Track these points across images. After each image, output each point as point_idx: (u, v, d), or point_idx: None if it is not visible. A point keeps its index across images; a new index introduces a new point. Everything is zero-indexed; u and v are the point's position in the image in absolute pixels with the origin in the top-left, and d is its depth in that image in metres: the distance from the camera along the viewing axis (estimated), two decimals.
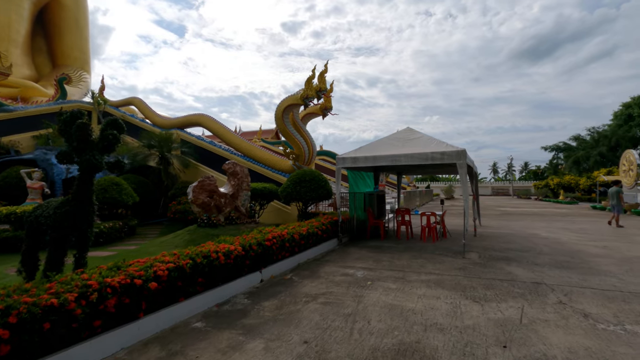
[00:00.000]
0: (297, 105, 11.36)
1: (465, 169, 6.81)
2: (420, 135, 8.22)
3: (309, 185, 9.18)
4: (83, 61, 29.26)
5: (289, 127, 11.61)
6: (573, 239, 9.05)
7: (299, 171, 9.64)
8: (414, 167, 10.35)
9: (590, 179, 30.07)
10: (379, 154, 7.79)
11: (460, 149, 6.91)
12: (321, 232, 7.24)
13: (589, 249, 7.56)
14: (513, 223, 12.94)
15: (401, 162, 7.47)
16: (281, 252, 5.71)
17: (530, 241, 8.56)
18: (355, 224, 9.15)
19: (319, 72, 11.58)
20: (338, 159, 8.26)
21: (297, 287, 4.84)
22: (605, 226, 11.79)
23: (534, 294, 4.43)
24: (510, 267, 5.88)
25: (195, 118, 14.70)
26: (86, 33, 30.52)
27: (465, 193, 6.81)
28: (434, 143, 7.58)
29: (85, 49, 30.01)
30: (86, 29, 30.72)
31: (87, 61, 30.06)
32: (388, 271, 5.64)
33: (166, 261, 3.62)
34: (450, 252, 7.20)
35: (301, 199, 9.17)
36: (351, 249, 7.68)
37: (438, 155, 7.05)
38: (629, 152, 18.97)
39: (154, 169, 12.42)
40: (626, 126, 39.95)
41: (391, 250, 7.38)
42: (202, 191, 8.40)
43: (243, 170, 9.31)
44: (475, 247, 7.70)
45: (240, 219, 9.05)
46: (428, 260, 6.45)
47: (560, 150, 45.20)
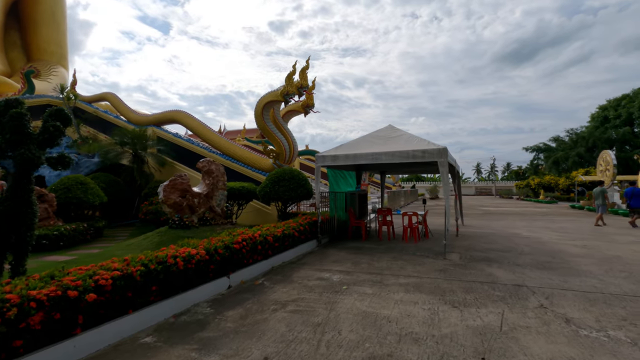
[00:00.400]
0: (277, 102, 11.00)
1: (447, 168, 6.61)
2: (401, 133, 8.01)
3: (288, 185, 8.84)
4: (60, 56, 27.91)
5: (269, 125, 11.23)
6: (554, 238, 9.04)
7: (278, 170, 9.28)
8: (397, 165, 10.16)
9: (569, 179, 30.84)
10: (359, 152, 7.52)
11: (441, 147, 6.71)
12: (298, 233, 6.91)
13: (569, 248, 7.50)
14: (495, 222, 12.95)
15: (382, 160, 7.22)
16: (253, 256, 5.35)
17: (512, 241, 8.47)
18: (336, 225, 8.86)
19: (300, 69, 11.26)
20: (317, 157, 7.95)
21: (267, 293, 4.49)
22: (585, 225, 11.92)
23: (515, 297, 4.23)
24: (491, 268, 5.71)
25: (171, 115, 14.10)
26: (63, 27, 29.14)
27: (446, 192, 6.62)
28: (415, 141, 7.37)
29: (63, 43, 28.66)
30: (63, 23, 29.33)
31: (65, 56, 28.69)
32: (366, 274, 5.37)
33: (113, 268, 3.22)
34: (431, 253, 7.00)
35: (279, 198, 8.82)
36: (330, 250, 7.38)
37: (419, 154, 6.84)
38: (605, 152, 19.43)
39: (127, 168, 11.80)
40: (602, 128, 41.31)
41: (371, 252, 7.13)
42: (173, 190, 7.94)
43: (219, 168, 8.88)
44: (457, 248, 7.53)
45: (215, 220, 8.62)
46: (408, 262, 6.21)
47: (541, 151, 46.35)
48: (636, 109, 37.45)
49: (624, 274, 5.35)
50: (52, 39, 27.23)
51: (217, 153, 12.73)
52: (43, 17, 26.75)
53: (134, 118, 14.83)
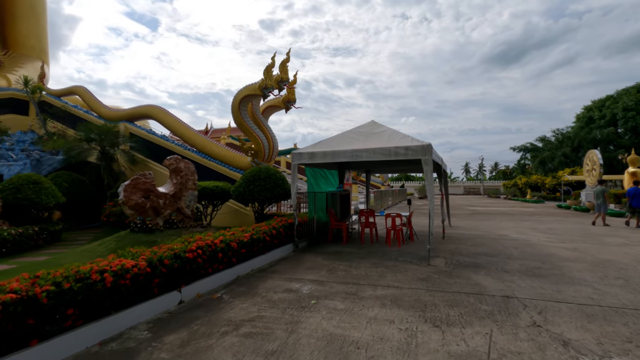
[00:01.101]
0: (255, 97, 10.35)
1: (431, 166, 6.11)
2: (384, 129, 7.48)
3: (264, 184, 8.23)
4: (40, 50, 26.51)
5: (246, 120, 10.57)
6: (542, 240, 8.66)
7: (254, 168, 8.66)
8: (380, 164, 9.65)
9: (555, 178, 31.02)
10: (338, 149, 6.96)
11: (425, 143, 6.20)
12: (270, 237, 6.30)
13: (559, 251, 7.10)
14: (482, 223, 12.59)
15: (362, 158, 6.67)
16: (213, 265, 4.72)
17: (500, 243, 8.05)
18: (315, 227, 8.28)
19: (281, 61, 10.65)
20: (294, 154, 7.36)
21: (222, 310, 3.88)
22: (573, 226, 11.65)
23: (505, 312, 3.73)
24: (479, 275, 5.22)
25: (145, 110, 13.27)
26: (43, 20, 27.71)
27: (430, 192, 6.11)
28: (398, 137, 6.84)
29: (43, 37, 27.26)
30: (43, 16, 27.89)
31: (45, 50, 27.27)
32: (340, 284, 4.80)
33: (9, 290, 2.56)
34: (415, 258, 6.49)
35: (254, 199, 8.20)
36: (307, 255, 6.80)
37: (402, 151, 6.32)
38: (592, 152, 19.37)
39: (93, 166, 10.97)
40: (587, 128, 41.86)
41: (350, 257, 6.57)
42: (135, 190, 7.23)
43: (188, 166, 8.19)
44: (442, 252, 7.05)
45: (184, 223, 7.94)
46: (389, 268, 5.68)
47: (528, 150, 46.76)
48: (620, 110, 38.02)
49: (620, 281, 4.92)
50: (32, 33, 25.90)
51: (193, 151, 12.00)
52: (22, 10, 25.42)
53: (105, 113, 13.93)
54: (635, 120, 36.48)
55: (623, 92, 39.54)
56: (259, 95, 10.12)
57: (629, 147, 36.17)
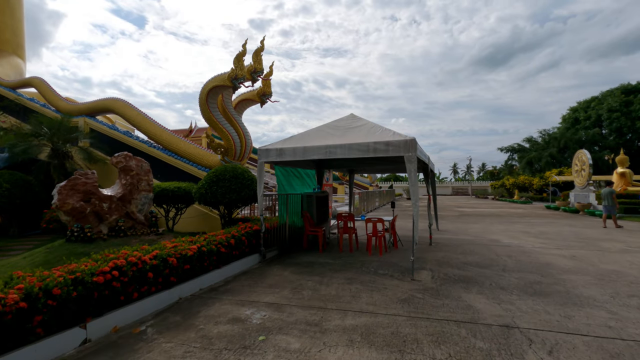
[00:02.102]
0: (225, 88, 9.35)
1: (415, 164, 5.25)
2: (364, 122, 6.60)
3: (229, 185, 7.25)
4: (16, 45, 24.65)
5: (215, 115, 9.56)
6: (537, 246, 7.94)
7: (219, 167, 7.67)
8: (362, 162, 8.78)
9: (543, 179, 30.86)
10: (310, 145, 6.04)
11: (408, 138, 5.34)
12: (228, 247, 5.34)
13: (557, 260, 6.36)
14: (472, 226, 11.88)
15: (337, 154, 5.78)
16: (140, 287, 3.74)
17: (492, 251, 7.27)
18: (287, 234, 7.35)
19: (254, 50, 9.68)
20: (260, 150, 6.41)
21: (135, 353, 2.91)
22: (565, 229, 11.04)
23: (506, 351, 2.87)
24: (470, 294, 4.38)
25: (106, 103, 12.09)
26: (19, 13, 25.83)
27: (415, 194, 5.25)
28: (378, 132, 5.97)
29: (19, 31, 25.38)
30: (19, 9, 26.01)
31: (21, 45, 25.38)
32: (303, 309, 3.88)
33: None
34: (397, 270, 5.62)
35: (218, 202, 7.21)
36: (273, 268, 5.86)
37: (381, 146, 5.44)
38: (581, 152, 19.02)
39: (42, 164, 9.77)
40: (573, 129, 42.16)
41: (323, 270, 5.66)
42: (73, 193, 6.15)
43: (141, 165, 7.15)
44: (429, 262, 6.21)
45: (134, 230, 6.89)
46: (365, 285, 4.79)
47: (515, 151, 46.89)
48: (605, 111, 38.33)
49: (636, 300, 4.16)
50: (7, 26, 24.10)
51: (159, 148, 10.91)
52: None
53: (63, 106, 12.68)
54: (619, 121, 36.80)
55: (608, 94, 39.93)
56: (229, 86, 9.13)
57: (614, 147, 36.47)
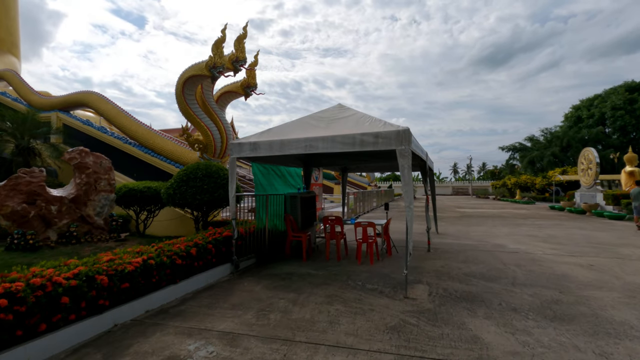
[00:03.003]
0: (203, 78, 8.51)
1: (409, 160, 4.42)
2: (352, 112, 5.77)
3: (201, 185, 6.42)
4: (10, 44, 23.70)
5: (193, 108, 8.72)
6: (547, 252, 7.11)
7: (191, 165, 6.84)
8: (351, 158, 7.96)
9: (546, 178, 30.02)
10: (287, 138, 5.21)
11: (401, 128, 4.51)
12: (187, 259, 4.50)
13: (574, 270, 5.52)
14: (474, 229, 11.04)
15: (318, 148, 4.94)
16: (50, 317, 2.90)
17: (498, 259, 6.44)
18: (267, 239, 6.51)
19: (236, 37, 8.85)
20: (232, 145, 5.58)
21: None
22: (575, 232, 10.20)
23: None
24: (476, 319, 3.54)
25: (80, 97, 11.26)
26: (14, 12, 24.90)
27: (409, 195, 4.42)
28: (367, 122, 5.14)
29: (13, 30, 24.43)
30: (14, 7, 25.09)
31: (16, 44, 24.41)
32: (264, 342, 3.05)
33: None
34: (388, 284, 4.78)
35: (187, 203, 6.38)
36: (244, 281, 5.02)
37: (369, 138, 4.61)
38: (587, 150, 18.17)
39: (4, 162, 8.94)
40: (576, 127, 41.32)
41: (302, 284, 4.83)
42: (14, 194, 5.32)
43: (100, 162, 6.31)
44: (426, 273, 5.37)
45: (91, 235, 6.05)
46: (349, 305, 3.96)
47: (517, 150, 46.04)
48: (608, 109, 37.48)
49: None
50: (1, 25, 23.22)
51: (135, 145, 10.08)
52: None
53: (35, 100, 11.86)
54: (623, 119, 35.95)
55: (611, 92, 39.08)
56: (207, 76, 8.29)
57: (618, 146, 35.63)
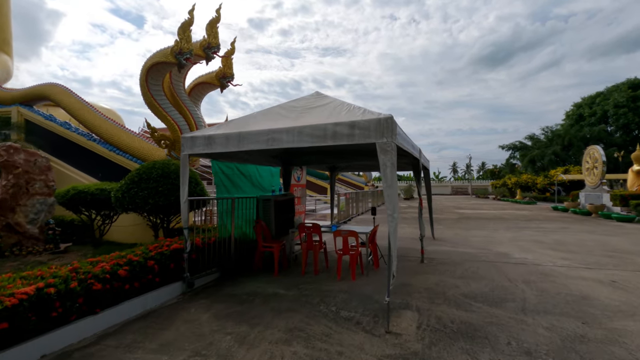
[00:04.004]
0: (169, 65, 7.55)
1: (393, 156, 3.48)
2: (329, 101, 4.84)
3: (155, 186, 5.49)
4: (2, 40, 22.58)
5: (158, 99, 7.77)
6: (559, 263, 6.20)
7: (146, 164, 5.92)
8: (335, 155, 7.04)
9: (547, 177, 29.11)
10: (247, 130, 4.28)
11: (383, 116, 3.58)
12: (109, 282, 3.56)
13: (594, 289, 4.61)
14: (474, 233, 10.13)
15: (282, 142, 4.01)
16: None
17: (502, 273, 5.52)
18: (233, 250, 5.58)
19: (209, 21, 7.91)
20: (184, 140, 4.65)
21: None
22: (586, 236, 9.28)
23: None
24: None
25: (43, 89, 10.31)
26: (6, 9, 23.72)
27: (392, 201, 3.48)
28: (344, 111, 4.21)
29: (5, 27, 23.14)
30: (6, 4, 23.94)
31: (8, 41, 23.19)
32: None
33: None
34: (368, 310, 3.86)
35: (138, 207, 5.45)
36: (193, 307, 4.09)
37: (343, 129, 3.68)
38: (593, 148, 17.27)
39: None
40: (577, 126, 40.44)
41: (263, 309, 3.90)
42: None
43: (33, 160, 5.37)
44: (416, 294, 4.45)
45: (20, 247, 5.11)
46: (312, 345, 3.03)
47: (517, 149, 45.13)
48: (611, 107, 36.59)
49: None
50: None
51: (99, 141, 9.13)
52: None
53: None
54: (627, 117, 35.08)
55: (613, 89, 38.20)
56: (172, 63, 7.34)
57: (621, 145, 34.76)
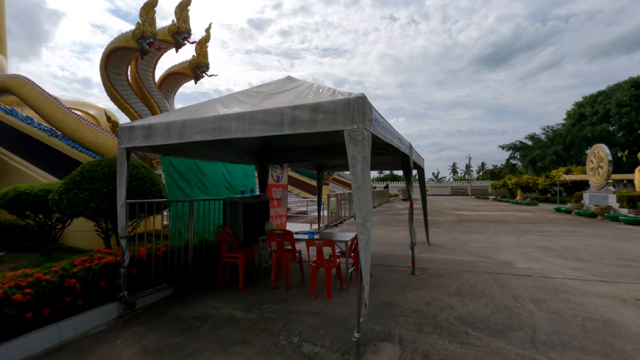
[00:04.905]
0: (131, 52, 6.76)
1: (366, 147, 2.68)
2: (299, 84, 4.04)
3: (99, 187, 4.69)
4: None
5: (120, 89, 6.97)
6: (570, 275, 5.40)
7: (92, 161, 5.11)
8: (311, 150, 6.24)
9: (549, 178, 28.32)
10: (191, 118, 3.48)
11: (353, 96, 2.78)
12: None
13: (616, 311, 3.80)
14: (473, 237, 9.32)
15: (231, 131, 3.22)
16: None
17: (506, 288, 4.71)
18: (191, 261, 4.78)
19: (178, 4, 7.11)
20: (120, 130, 3.86)
21: None
22: (595, 241, 8.48)
23: None
24: None
25: (3, 81, 9.50)
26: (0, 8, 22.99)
27: (364, 206, 2.68)
28: (312, 93, 3.41)
29: None
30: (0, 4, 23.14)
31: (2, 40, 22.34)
32: None
33: None
34: (338, 344, 3.05)
35: (77, 212, 4.64)
36: (121, 335, 3.29)
37: (304, 114, 2.89)
38: (598, 146, 16.48)
39: None
40: (579, 125, 39.66)
41: (208, 340, 3.10)
42: None
43: None
44: (402, 318, 3.64)
45: None
46: None
47: (517, 149, 44.32)
48: (613, 106, 35.80)
49: None
50: None
51: (61, 137, 8.32)
52: None
53: None
54: (629, 116, 34.29)
55: (616, 87, 37.42)
56: (134, 48, 6.54)
57: (624, 144, 33.98)
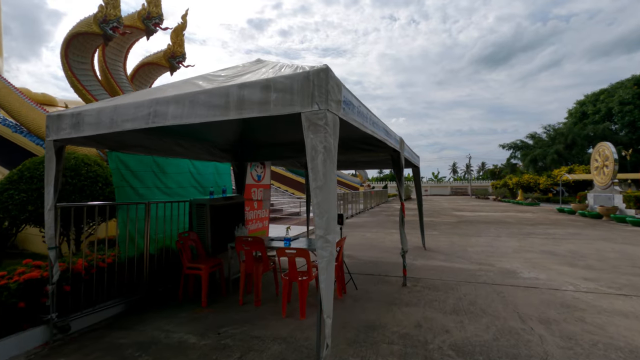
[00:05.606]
0: (93, 37, 6.10)
1: (331, 136, 2.05)
2: (264, 64, 3.40)
3: (39, 187, 4.04)
4: None
5: (82, 79, 6.31)
6: (582, 287, 4.76)
7: (34, 159, 4.48)
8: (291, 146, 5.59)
9: (550, 177, 27.67)
10: (123, 102, 2.84)
11: (314, 69, 2.14)
12: None
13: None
14: (473, 241, 8.68)
15: (167, 118, 2.57)
16: None
17: (509, 303, 4.07)
18: (146, 272, 4.14)
19: None
20: (49, 120, 3.22)
21: None
22: (605, 246, 7.83)
23: None
24: None
25: None
26: None
27: (325, 212, 2.04)
28: (271, 72, 2.76)
29: None
30: None
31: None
32: None
33: None
34: None
35: (11, 216, 4.00)
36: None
37: (254, 94, 2.25)
38: (603, 145, 15.84)
39: None
40: (580, 124, 39.02)
41: None
42: None
43: None
44: (385, 345, 2.99)
45: None
46: None
47: (518, 148, 43.65)
48: (616, 104, 35.14)
49: None
50: None
51: (26, 134, 7.70)
52: None
53: None
54: (632, 114, 33.62)
55: (618, 85, 36.75)
56: (97, 33, 5.88)
57: (627, 143, 33.32)
